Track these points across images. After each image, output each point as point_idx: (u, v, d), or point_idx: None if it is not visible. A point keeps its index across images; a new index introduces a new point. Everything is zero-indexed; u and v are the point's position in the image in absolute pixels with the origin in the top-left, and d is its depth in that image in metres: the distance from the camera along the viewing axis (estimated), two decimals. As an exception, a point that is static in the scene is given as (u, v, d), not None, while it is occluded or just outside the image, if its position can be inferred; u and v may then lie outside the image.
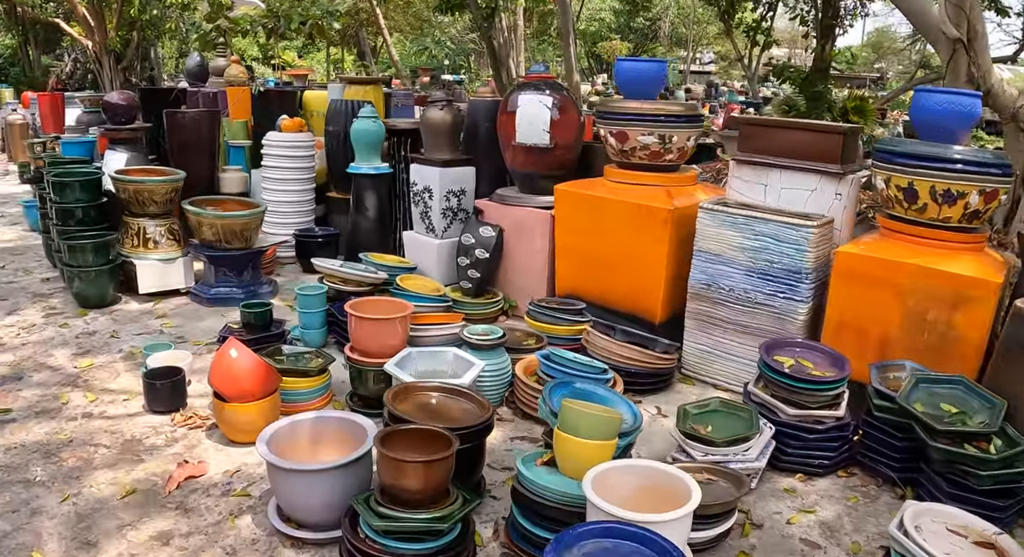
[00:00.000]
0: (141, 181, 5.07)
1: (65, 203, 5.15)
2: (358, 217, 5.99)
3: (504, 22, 14.82)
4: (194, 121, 6.09)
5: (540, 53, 23.76)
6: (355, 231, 6.03)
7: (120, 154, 5.62)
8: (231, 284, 5.16)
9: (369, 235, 6.01)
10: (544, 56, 24.26)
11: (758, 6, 17.95)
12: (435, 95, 5.35)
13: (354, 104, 6.24)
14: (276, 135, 6.02)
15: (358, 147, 5.89)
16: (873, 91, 24.43)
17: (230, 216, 5.00)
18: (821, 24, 12.73)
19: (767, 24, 18.09)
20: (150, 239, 5.16)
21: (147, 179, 5.10)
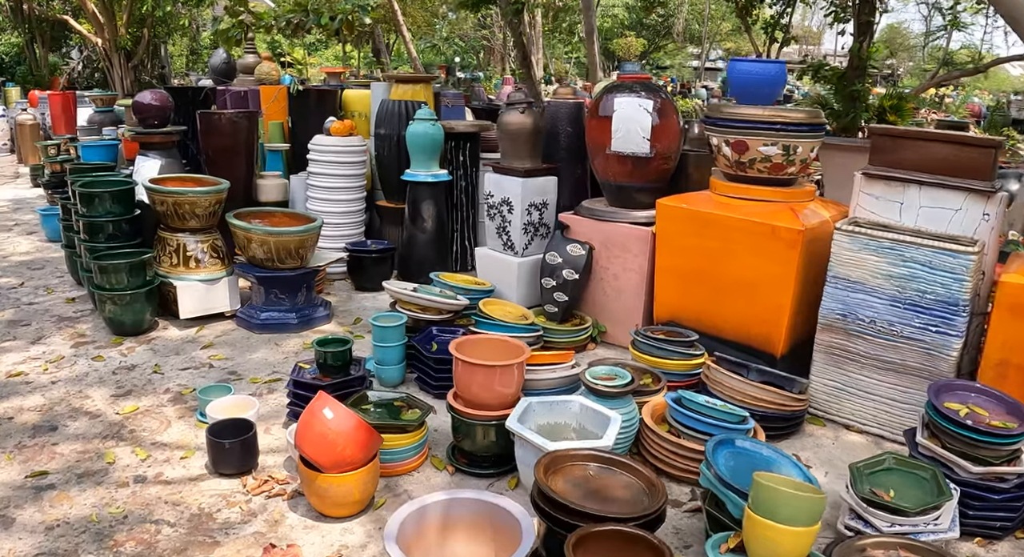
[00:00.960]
0: (182, 192, 4.41)
1: (94, 216, 4.49)
2: (414, 230, 5.34)
3: (525, 19, 14.16)
4: (231, 123, 5.41)
5: (551, 50, 23.08)
6: (411, 245, 5.38)
7: (153, 161, 4.95)
8: (283, 307, 4.50)
9: (426, 249, 5.38)
10: (555, 53, 23.58)
11: (777, 2, 17.38)
12: (514, 97, 4.69)
13: (409, 105, 5.58)
14: (324, 139, 5.35)
15: (415, 152, 5.24)
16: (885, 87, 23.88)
17: (285, 232, 4.34)
18: (858, 20, 12.10)
19: (785, 20, 17.50)
20: (191, 257, 4.50)
21: (189, 190, 4.43)
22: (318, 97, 6.32)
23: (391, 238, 5.71)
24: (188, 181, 4.85)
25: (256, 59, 7.25)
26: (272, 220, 4.74)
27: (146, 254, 4.40)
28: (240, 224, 4.40)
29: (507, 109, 4.66)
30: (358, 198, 5.51)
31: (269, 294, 4.47)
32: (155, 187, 4.45)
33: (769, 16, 17.81)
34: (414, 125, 5.25)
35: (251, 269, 4.45)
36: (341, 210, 5.42)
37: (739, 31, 23.65)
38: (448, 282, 4.38)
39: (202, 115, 5.43)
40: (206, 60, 18.38)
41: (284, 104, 6.37)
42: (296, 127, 6.34)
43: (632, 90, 4.27)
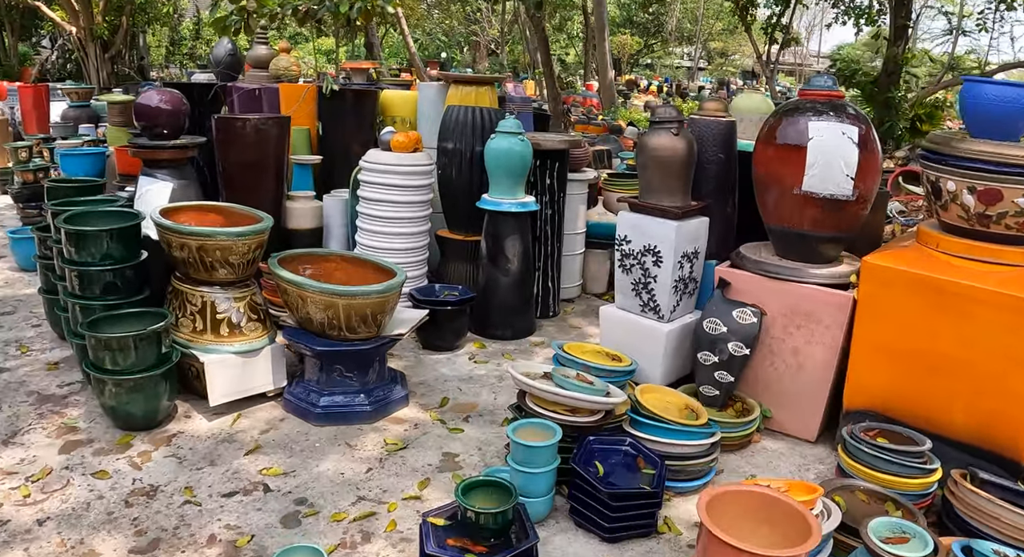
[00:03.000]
0: (211, 233, 3.06)
1: (87, 264, 3.12)
2: (495, 271, 4.07)
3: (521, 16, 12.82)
4: (258, 132, 4.06)
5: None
6: (490, 289, 4.11)
7: (162, 184, 3.56)
8: (351, 389, 3.19)
9: (509, 294, 4.12)
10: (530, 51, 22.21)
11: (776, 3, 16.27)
12: (662, 112, 3.42)
13: (486, 114, 4.28)
14: (382, 156, 4.01)
15: (497, 174, 3.96)
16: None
17: (361, 294, 3.01)
18: (894, 25, 11.03)
19: (785, 21, 16.42)
20: (223, 320, 3.16)
21: (221, 231, 3.08)
22: (355, 99, 4.96)
23: (454, 277, 4.41)
24: (210, 212, 3.50)
25: (269, 51, 5.84)
26: (326, 267, 3.42)
27: (160, 319, 3.05)
28: (291, 278, 3.07)
29: (654, 129, 3.39)
30: (422, 231, 4.19)
31: (331, 371, 3.16)
32: (172, 226, 3.09)
33: (768, 16, 16.76)
34: (497, 140, 3.96)
35: (305, 337, 3.13)
36: (402, 246, 4.09)
37: (730, 31, 22.63)
38: (581, 359, 3.13)
39: (221, 122, 4.05)
40: (184, 51, 16.67)
41: (312, 107, 5.00)
42: (328, 135, 4.97)
43: (831, 112, 3.04)
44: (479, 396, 3.59)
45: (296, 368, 3.46)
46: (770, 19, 17.03)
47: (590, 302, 5.09)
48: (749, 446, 3.19)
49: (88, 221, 3.28)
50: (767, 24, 16.69)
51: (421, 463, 2.93)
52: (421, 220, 4.13)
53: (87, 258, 3.12)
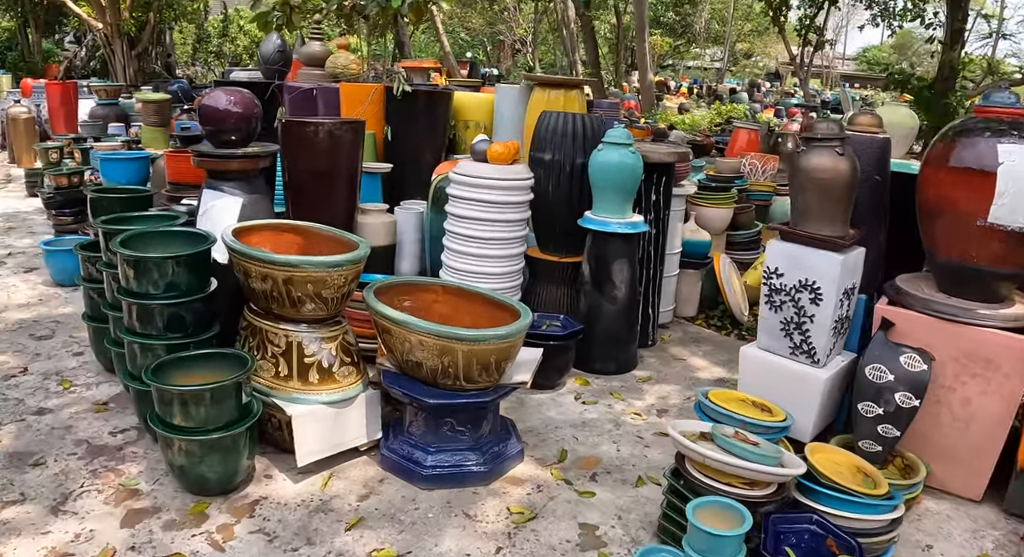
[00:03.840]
0: (303, 263, 2.49)
1: (149, 296, 2.57)
2: (600, 298, 3.53)
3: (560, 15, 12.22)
4: (331, 137, 3.50)
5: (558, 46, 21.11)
6: (594, 319, 3.56)
7: (231, 199, 3.00)
8: (462, 445, 2.63)
9: (615, 324, 3.60)
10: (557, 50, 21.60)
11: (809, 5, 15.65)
12: (823, 129, 2.84)
13: (587, 121, 3.72)
14: (476, 167, 3.44)
15: (604, 190, 3.42)
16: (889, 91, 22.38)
17: (487, 339, 2.45)
18: (950, 28, 10.44)
19: (819, 23, 15.81)
20: (312, 364, 2.60)
21: (316, 261, 2.52)
22: (428, 101, 4.39)
23: (545, 303, 3.85)
24: (286, 232, 2.94)
25: (323, 47, 5.28)
26: (425, 299, 2.86)
27: (239, 365, 2.49)
28: (398, 318, 2.51)
29: (813, 148, 2.82)
30: (519, 254, 3.62)
31: (440, 425, 2.60)
32: (255, 253, 2.53)
33: (801, 17, 16.16)
34: (606, 153, 3.41)
35: (412, 386, 2.58)
36: (496, 269, 3.52)
37: (758, 32, 21.98)
38: (730, 410, 2.57)
39: (289, 126, 3.50)
40: (210, 49, 16.12)
41: (379, 109, 4.44)
42: (397, 140, 4.41)
43: (1016, 133, 2.49)
44: (599, 447, 3.03)
45: (389, 415, 2.90)
46: (802, 20, 16.46)
47: (684, 328, 4.54)
48: (912, 508, 2.64)
49: (148, 244, 2.74)
50: (800, 25, 16.12)
51: (557, 539, 2.38)
52: (518, 241, 3.56)
53: (149, 289, 2.57)
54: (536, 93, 4.21)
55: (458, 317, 2.89)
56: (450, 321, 2.86)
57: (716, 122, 12.24)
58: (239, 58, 15.65)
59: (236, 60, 15.51)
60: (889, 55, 24.51)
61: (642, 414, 3.37)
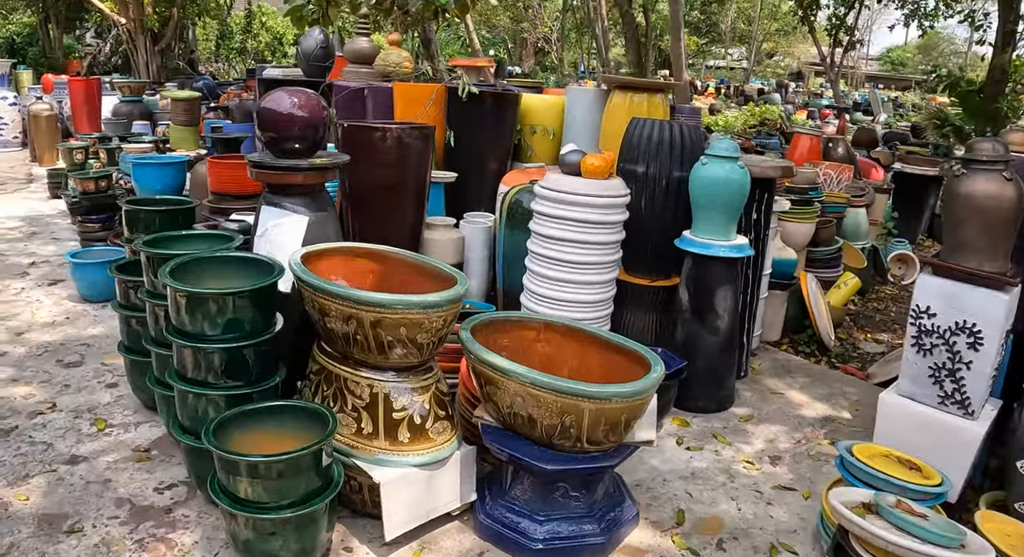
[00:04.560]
0: (398, 304, 2.02)
1: (205, 338, 2.11)
2: (700, 328, 3.08)
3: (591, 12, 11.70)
4: (400, 144, 3.04)
5: (579, 45, 20.58)
6: (693, 351, 3.11)
7: (295, 217, 2.52)
8: (575, 512, 2.16)
9: (717, 359, 3.16)
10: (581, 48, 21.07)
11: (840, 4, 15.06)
12: (987, 150, 2.36)
13: (686, 131, 3.24)
14: (571, 182, 2.95)
15: (707, 209, 2.97)
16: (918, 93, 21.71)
17: (618, 395, 1.98)
18: (1002, 30, 9.86)
19: (850, 22, 15.21)
20: (402, 420, 2.14)
21: (413, 301, 2.04)
22: (495, 104, 3.92)
23: (631, 330, 3.38)
24: (360, 257, 2.48)
25: (371, 44, 4.82)
26: (525, 338, 2.40)
27: (317, 423, 2.04)
28: (510, 369, 2.04)
29: (976, 171, 2.34)
30: (611, 279, 3.13)
31: (551, 491, 2.14)
32: (337, 291, 2.06)
33: (831, 16, 15.57)
34: (711, 167, 2.95)
35: (522, 448, 2.11)
36: (588, 297, 3.04)
37: (784, 32, 21.39)
38: (887, 474, 2.12)
39: (351, 131, 3.03)
40: (232, 46, 15.64)
41: (439, 112, 3.97)
42: (461, 147, 3.94)
43: None
44: (717, 505, 2.58)
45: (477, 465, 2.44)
46: (831, 19, 15.87)
47: (773, 356, 4.06)
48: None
49: (200, 270, 2.28)
50: (831, 25, 15.53)
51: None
52: (612, 266, 3.09)
53: (205, 328, 2.11)
54: (616, 97, 3.73)
55: (563, 359, 2.43)
56: (553, 364, 2.40)
57: (750, 124, 11.72)
58: (261, 54, 15.19)
59: (259, 56, 15.05)
60: (914, 56, 23.88)
61: (754, 463, 2.92)
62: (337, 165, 2.57)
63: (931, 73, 10.00)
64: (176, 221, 3.14)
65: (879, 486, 2.21)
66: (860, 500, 2.13)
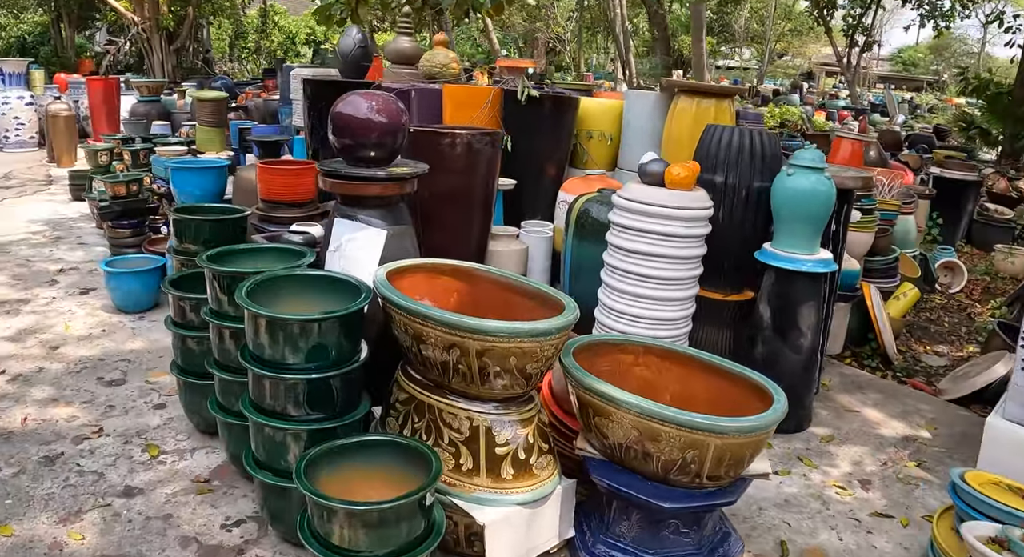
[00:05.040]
0: (509, 332, 1.80)
1: (286, 367, 1.91)
2: (782, 346, 2.92)
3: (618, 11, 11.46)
4: (471, 151, 2.83)
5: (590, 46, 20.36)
6: (774, 369, 2.89)
7: (371, 231, 2.31)
8: (686, 549, 1.95)
9: (799, 377, 3.00)
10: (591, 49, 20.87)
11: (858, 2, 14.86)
12: None
13: (764, 138, 3.04)
14: (654, 193, 2.74)
15: (791, 221, 2.80)
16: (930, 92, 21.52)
17: (746, 429, 1.79)
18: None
19: (867, 22, 15.00)
20: (506, 456, 1.93)
21: (524, 328, 1.82)
22: (553, 108, 3.71)
23: (705, 348, 3.17)
24: (444, 274, 2.27)
25: (413, 44, 4.61)
26: (623, 362, 2.19)
27: (415, 458, 1.83)
28: (629, 402, 1.84)
29: None
30: (692, 296, 2.92)
31: (661, 527, 1.93)
32: (440, 316, 1.84)
33: (846, 16, 15.35)
34: (797, 178, 2.75)
35: (636, 484, 1.90)
36: (668, 313, 2.83)
37: (797, 32, 21.17)
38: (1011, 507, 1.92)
39: (416, 137, 2.82)
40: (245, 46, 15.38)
41: (495, 116, 3.76)
42: (518, 152, 3.73)
43: None
44: (817, 535, 2.42)
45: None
46: (846, 19, 15.64)
47: (839, 370, 3.87)
48: None
49: (277, 292, 2.07)
50: (847, 26, 15.32)
51: None
52: (694, 281, 2.88)
53: (287, 355, 1.91)
54: (681, 102, 3.53)
55: (663, 384, 2.23)
56: (653, 389, 2.21)
57: (770, 125, 11.51)
58: (273, 54, 14.95)
59: (272, 56, 14.81)
60: (925, 56, 23.66)
61: (846, 487, 2.75)
62: (417, 175, 2.36)
63: (959, 75, 9.76)
64: (228, 231, 2.93)
65: (1001, 518, 2.03)
66: (987, 534, 1.96)
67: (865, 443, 3.13)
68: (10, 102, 8.71)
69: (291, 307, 2.07)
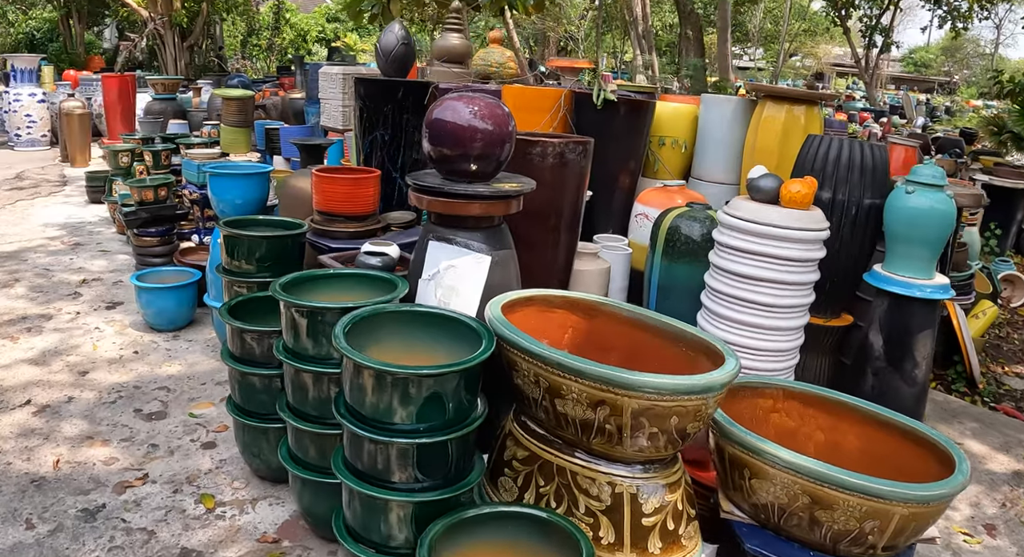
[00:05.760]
0: (673, 388, 1.46)
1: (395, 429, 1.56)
2: (896, 379, 2.65)
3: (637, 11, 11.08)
4: (562, 162, 2.48)
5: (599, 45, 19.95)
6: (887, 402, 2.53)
7: (473, 258, 1.96)
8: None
9: (912, 408, 2.67)
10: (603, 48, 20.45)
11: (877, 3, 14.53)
12: None
13: (872, 151, 2.71)
14: (769, 213, 2.38)
15: (908, 243, 2.52)
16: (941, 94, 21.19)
17: (936, 497, 1.45)
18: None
19: (886, 22, 14.67)
20: (654, 526, 1.58)
21: (694, 384, 1.48)
22: (629, 112, 3.35)
23: (802, 377, 2.84)
24: (558, 307, 1.93)
25: (463, 41, 4.25)
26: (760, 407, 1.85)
27: (554, 541, 1.49)
28: (812, 470, 1.50)
29: None
30: (802, 326, 2.57)
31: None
32: (592, 370, 1.49)
33: (862, 17, 15.02)
34: (919, 196, 2.43)
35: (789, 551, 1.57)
36: (777, 344, 2.49)
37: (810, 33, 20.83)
38: None
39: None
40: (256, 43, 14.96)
41: (563, 121, 3.40)
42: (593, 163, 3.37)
43: None
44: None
45: None
46: (863, 20, 15.31)
47: (930, 396, 3.53)
48: None
49: (372, 332, 1.73)
50: (866, 26, 14.98)
51: None
52: (805, 309, 2.54)
53: (394, 414, 1.56)
54: (768, 109, 3.19)
55: (806, 434, 1.91)
56: (794, 439, 1.88)
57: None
58: (285, 51, 14.55)
59: (283, 53, 14.41)
60: (936, 57, 23.33)
61: (972, 534, 2.46)
62: (526, 193, 2.01)
63: (993, 78, 9.41)
64: (286, 249, 2.59)
65: None
66: None
67: (978, 481, 2.83)
68: (21, 99, 8.32)
69: (393, 351, 1.72)
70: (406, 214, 3.09)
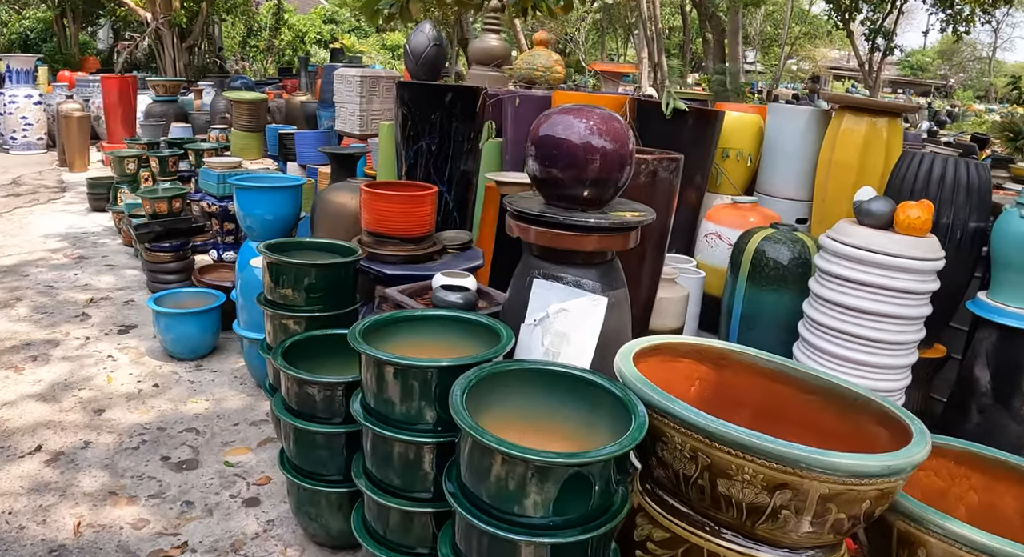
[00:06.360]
0: (871, 471, 1.15)
1: (526, 525, 1.23)
2: (1004, 417, 2.46)
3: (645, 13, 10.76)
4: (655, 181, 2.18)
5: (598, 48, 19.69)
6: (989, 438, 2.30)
7: (588, 299, 1.63)
8: None
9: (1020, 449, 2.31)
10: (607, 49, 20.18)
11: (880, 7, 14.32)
12: None
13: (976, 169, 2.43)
14: (881, 240, 2.08)
15: (1018, 272, 2.14)
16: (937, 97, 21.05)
17: None
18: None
19: (889, 27, 14.46)
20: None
21: (892, 463, 1.17)
22: (697, 123, 3.04)
23: (915, 414, 2.54)
24: (684, 359, 1.61)
25: (501, 42, 3.94)
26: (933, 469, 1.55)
27: None
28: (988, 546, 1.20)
29: None
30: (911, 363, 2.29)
31: None
32: (766, 448, 1.17)
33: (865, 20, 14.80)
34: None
35: None
36: (887, 383, 2.21)
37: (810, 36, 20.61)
38: None
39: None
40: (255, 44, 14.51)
41: (625, 128, 3.08)
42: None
43: None
44: None
45: None
46: (864, 23, 15.10)
47: None
48: None
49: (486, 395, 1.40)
50: (869, 30, 14.78)
51: None
52: (915, 345, 2.25)
53: (524, 507, 1.24)
54: (848, 121, 2.89)
55: (957, 494, 1.65)
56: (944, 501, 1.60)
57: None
58: (283, 52, 14.13)
59: (282, 55, 13.99)
60: (933, 61, 23.25)
61: None
62: (646, 223, 1.69)
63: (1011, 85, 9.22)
64: (341, 279, 2.26)
65: None
66: None
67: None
68: (17, 101, 7.91)
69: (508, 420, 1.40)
70: (461, 234, 2.77)
